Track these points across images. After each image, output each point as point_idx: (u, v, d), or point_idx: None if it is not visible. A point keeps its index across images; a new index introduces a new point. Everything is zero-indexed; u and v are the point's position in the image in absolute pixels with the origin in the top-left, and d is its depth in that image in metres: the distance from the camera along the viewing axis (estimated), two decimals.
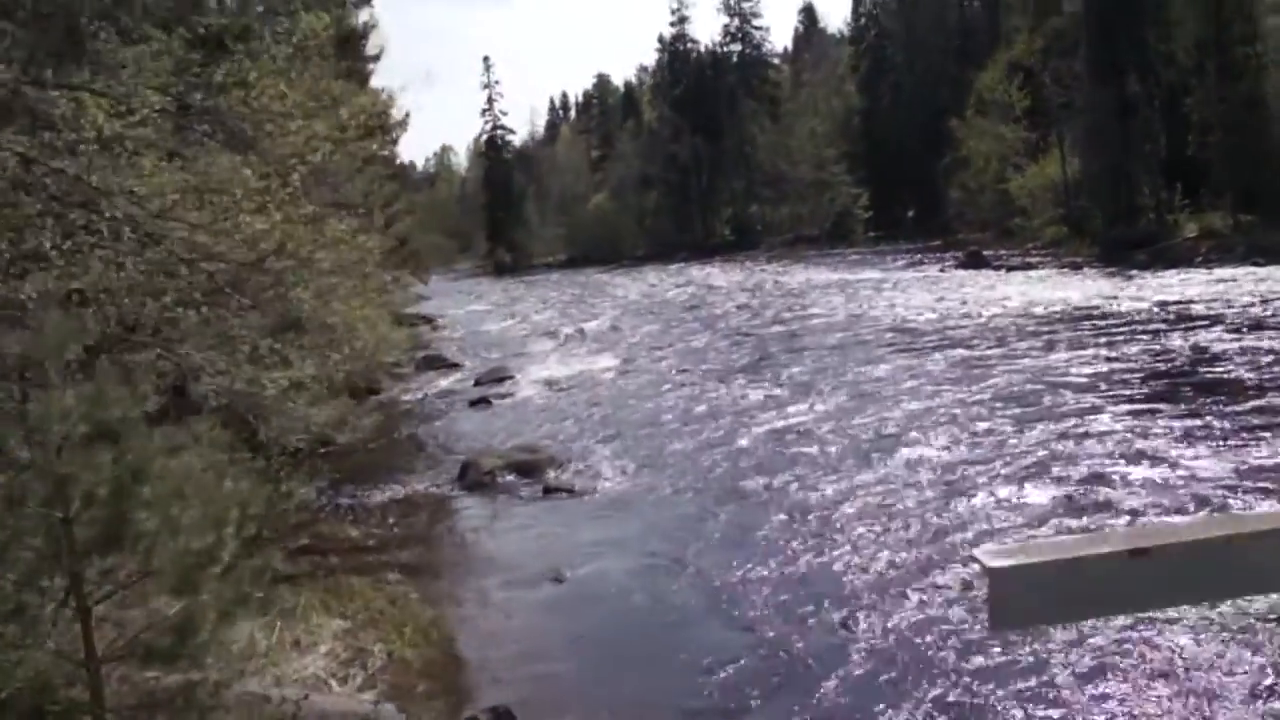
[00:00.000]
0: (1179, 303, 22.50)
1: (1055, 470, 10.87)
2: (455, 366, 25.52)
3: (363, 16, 36.66)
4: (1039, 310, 23.76)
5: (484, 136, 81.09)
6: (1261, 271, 27.06)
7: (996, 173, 43.12)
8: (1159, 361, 16.51)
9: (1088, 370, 16.23)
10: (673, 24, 75.13)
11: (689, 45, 74.95)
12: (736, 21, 75.56)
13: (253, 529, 5.48)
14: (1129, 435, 12.00)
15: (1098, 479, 10.49)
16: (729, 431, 14.67)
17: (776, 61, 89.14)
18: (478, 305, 46.86)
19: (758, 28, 76.58)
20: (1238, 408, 12.80)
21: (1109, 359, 17.01)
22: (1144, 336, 18.87)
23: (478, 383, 22.17)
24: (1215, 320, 19.69)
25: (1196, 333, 18.56)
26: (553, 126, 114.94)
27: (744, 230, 69.61)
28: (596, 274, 60.84)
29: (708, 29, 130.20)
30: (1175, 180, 39.79)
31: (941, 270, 36.33)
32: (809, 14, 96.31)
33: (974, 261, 36.16)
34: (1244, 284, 24.40)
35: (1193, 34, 39.76)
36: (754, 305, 32.83)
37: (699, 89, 72.45)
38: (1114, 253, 35.96)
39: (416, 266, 37.88)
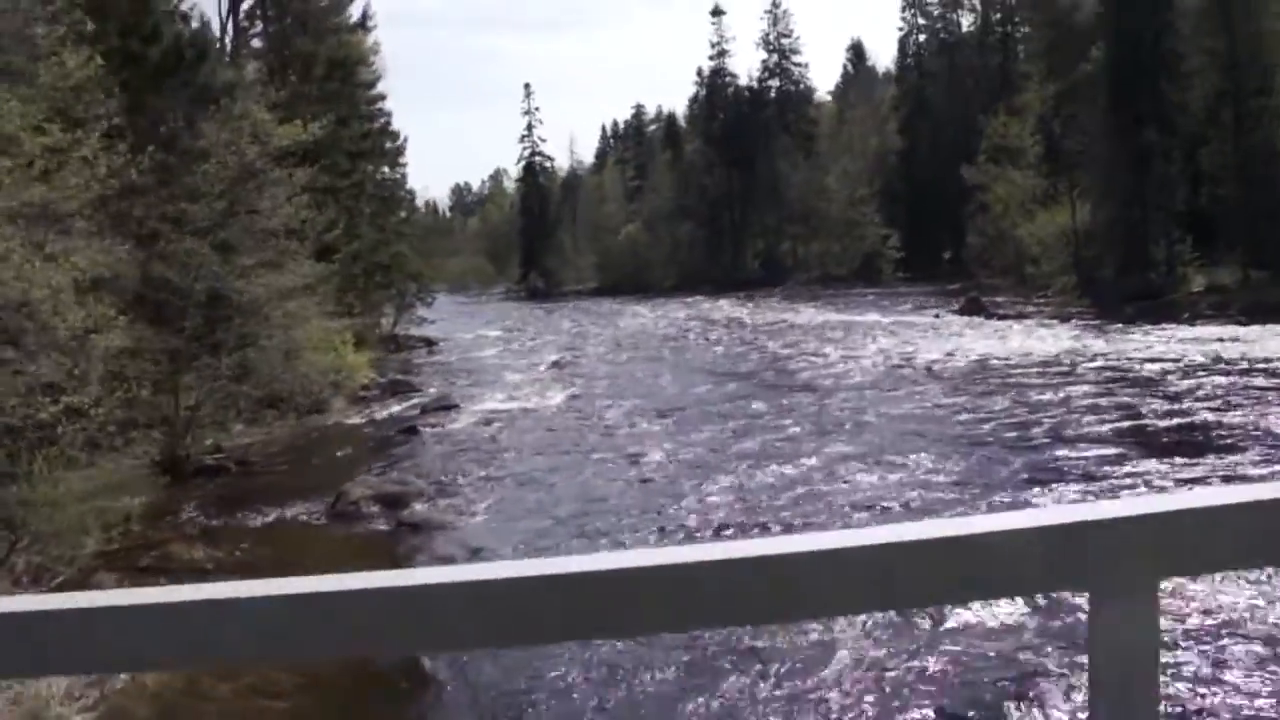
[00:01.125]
0: (1137, 360, 22.12)
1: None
2: (416, 392, 25.80)
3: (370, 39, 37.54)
4: (994, 362, 23.51)
5: (522, 162, 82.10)
6: (1243, 331, 26.51)
7: (1011, 219, 42.73)
8: (1068, 416, 16.29)
9: (971, 422, 16.06)
10: (712, 57, 75.52)
11: (727, 79, 75.21)
12: (775, 57, 75.80)
13: None
14: (965, 485, 11.88)
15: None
16: (621, 478, 14.71)
17: (825, 96, 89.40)
18: (487, 330, 47.23)
19: (797, 64, 76.77)
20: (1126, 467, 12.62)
21: (1014, 411, 16.82)
22: (1071, 390, 18.62)
23: (423, 411, 22.42)
24: (1153, 381, 19.35)
25: (1121, 391, 18.27)
26: (602, 154, 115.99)
27: (772, 266, 69.52)
28: (618, 304, 61.09)
29: (747, 62, 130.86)
30: (1189, 233, 39.19)
31: (937, 316, 36.00)
32: (857, 51, 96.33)
33: (972, 308, 35.81)
34: (1216, 345, 23.91)
35: (1210, 85, 39.22)
36: (730, 343, 32.93)
37: (735, 123, 72.62)
38: (1112, 305, 35.39)
39: (394, 290, 38.38)
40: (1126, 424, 15.56)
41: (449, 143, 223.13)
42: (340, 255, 21.49)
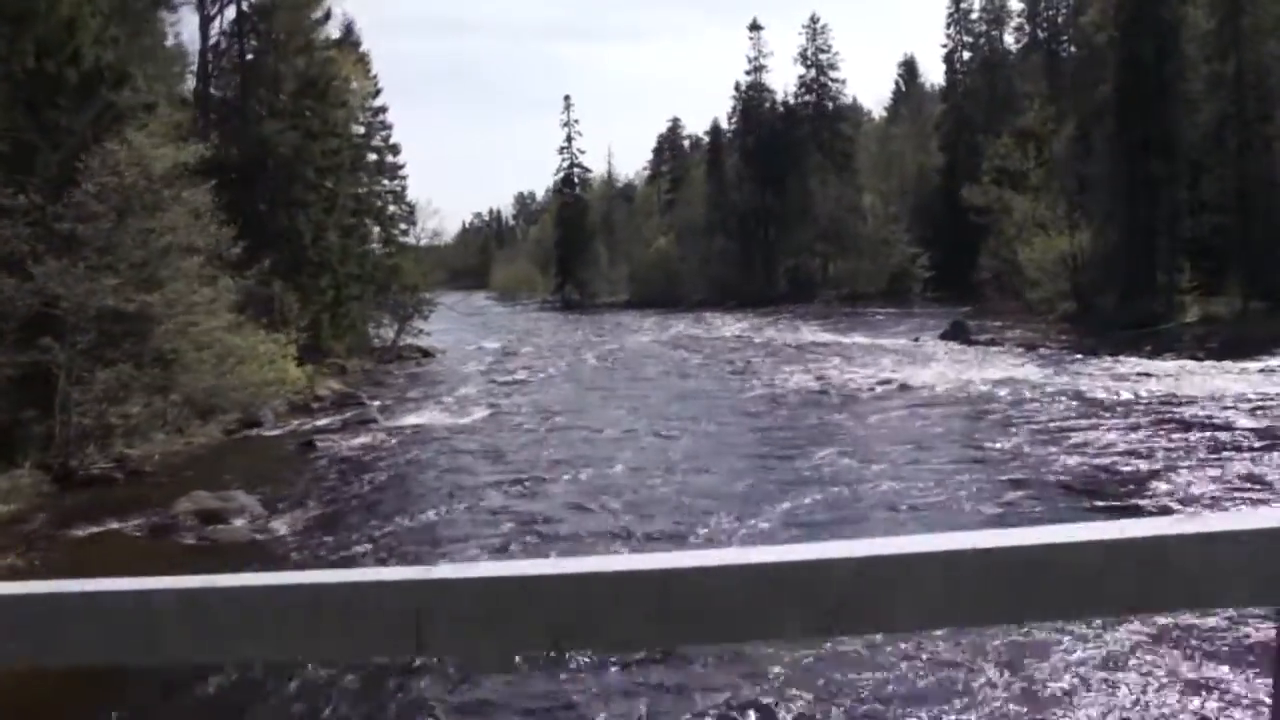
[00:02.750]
0: (1056, 392, 21.79)
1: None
2: (359, 406, 26.30)
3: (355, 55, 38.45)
4: (941, 389, 23.36)
5: (561, 174, 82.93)
6: (1196, 365, 25.95)
7: (1012, 244, 42.23)
8: (966, 447, 16.19)
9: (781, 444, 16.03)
10: (748, 72, 75.50)
11: (764, 94, 75.11)
12: (813, 73, 75.53)
13: None
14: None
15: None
16: (468, 500, 15.01)
17: (879, 112, 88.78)
18: (492, 341, 47.81)
19: (835, 79, 76.36)
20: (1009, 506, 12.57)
21: (913, 437, 16.75)
22: (954, 418, 18.47)
23: (344, 425, 22.95)
24: (1052, 415, 19.08)
25: (1006, 424, 18.06)
26: (655, 167, 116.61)
27: (801, 283, 69.28)
28: (641, 318, 61.50)
29: (785, 78, 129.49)
30: (1197, 261, 38.29)
31: (915, 341, 35.70)
32: (909, 68, 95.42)
33: (955, 333, 35.40)
34: (1152, 380, 23.44)
35: (1214, 110, 38.29)
36: (702, 362, 33.01)
37: (770, 139, 72.52)
38: (1102, 333, 34.70)
39: (393, 302, 39.20)
40: (958, 455, 15.43)
41: (516, 150, 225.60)
42: (255, 270, 21.87)
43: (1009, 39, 77.82)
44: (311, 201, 30.21)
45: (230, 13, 30.81)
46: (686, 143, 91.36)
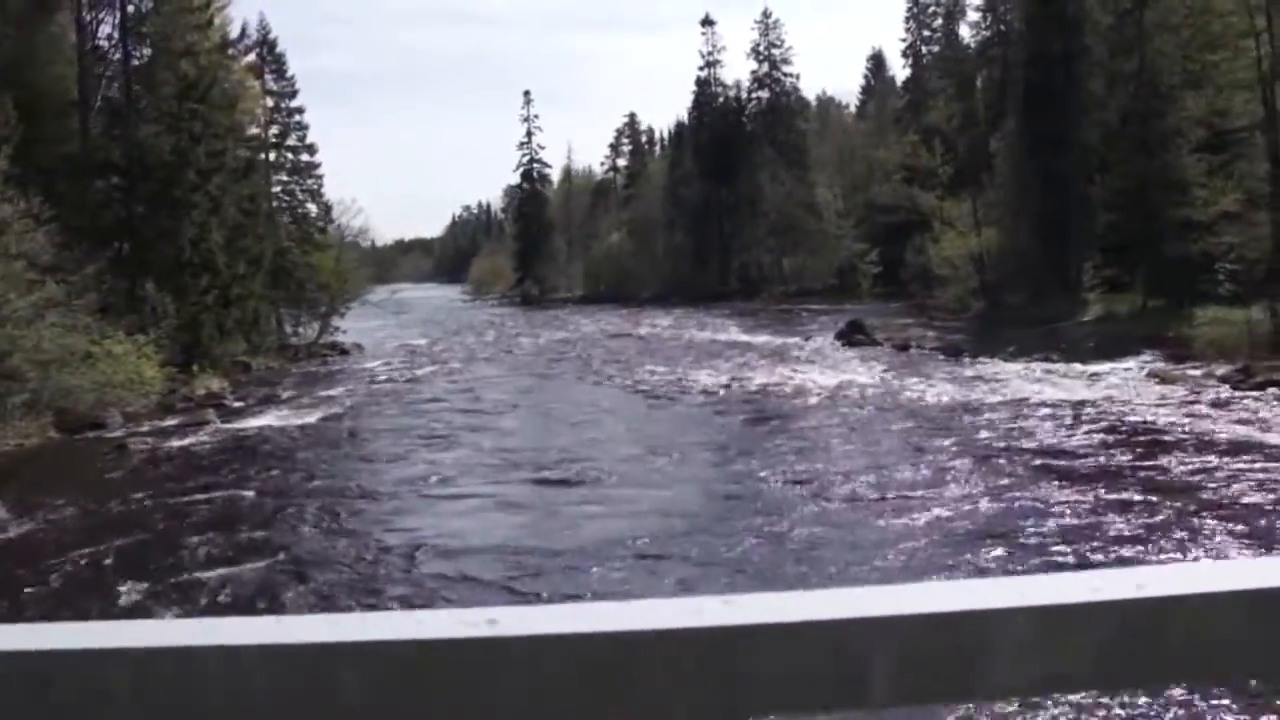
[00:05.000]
0: (882, 395, 21.93)
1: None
2: (218, 407, 26.48)
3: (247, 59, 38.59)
4: (771, 391, 23.55)
5: (520, 169, 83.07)
6: (1047, 367, 26.01)
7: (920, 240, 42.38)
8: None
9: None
10: (701, 68, 75.51)
11: (717, 89, 75.13)
12: (766, 67, 75.47)
13: None
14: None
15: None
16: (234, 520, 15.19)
17: (850, 105, 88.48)
18: (419, 339, 47.87)
19: (788, 74, 76.27)
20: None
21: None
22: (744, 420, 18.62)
23: (180, 427, 23.14)
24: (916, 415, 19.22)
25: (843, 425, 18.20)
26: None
27: (751, 279, 69.39)
28: (587, 313, 61.78)
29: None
30: (1106, 259, 38.36)
31: (806, 340, 35.87)
32: (878, 62, 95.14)
33: (847, 332, 35.38)
34: (998, 384, 23.55)
35: (1118, 108, 38.28)
36: (591, 359, 33.23)
37: (723, 134, 72.56)
38: (989, 333, 34.82)
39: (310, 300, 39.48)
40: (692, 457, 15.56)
41: (515, 141, 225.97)
42: (87, 273, 22.14)
43: (965, 32, 77.56)
44: (195, 203, 30.40)
45: (114, 16, 30.97)
46: (644, 137, 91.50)
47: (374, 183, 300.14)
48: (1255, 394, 19.17)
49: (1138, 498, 12.06)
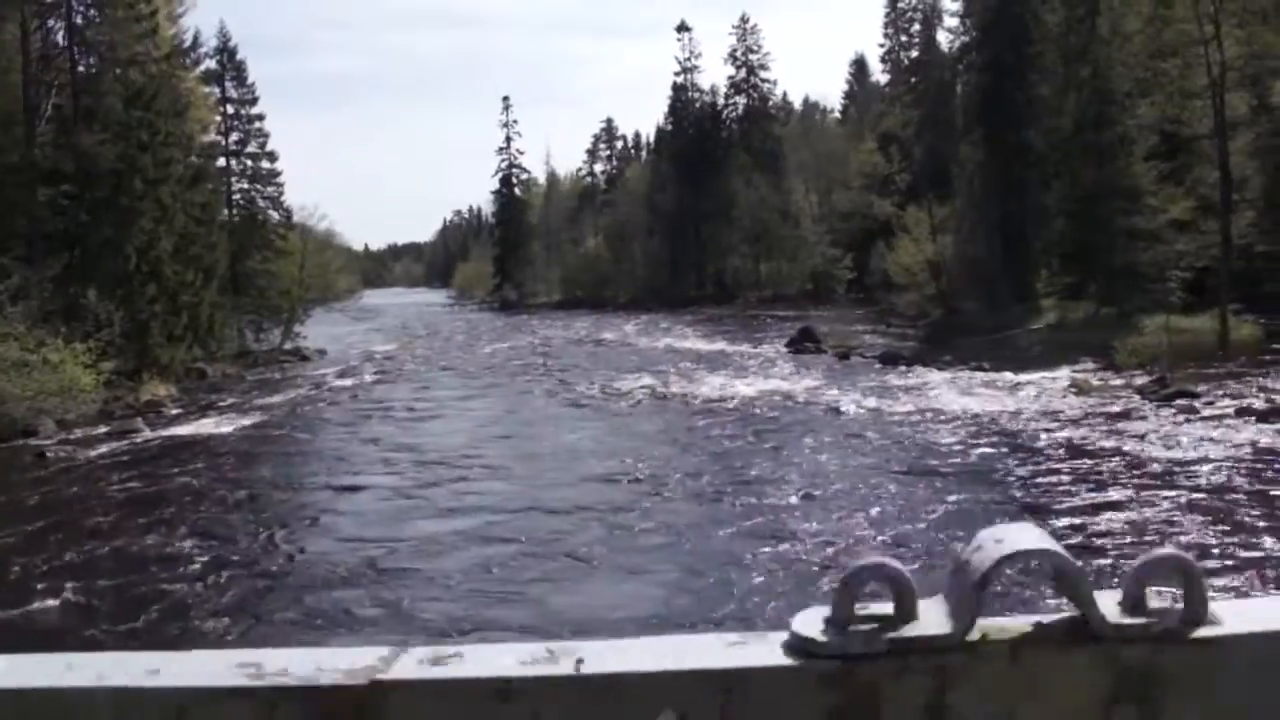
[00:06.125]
0: (799, 403, 22.10)
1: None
2: (158, 415, 26.62)
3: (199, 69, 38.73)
4: (696, 399, 23.74)
5: (499, 174, 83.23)
6: (991, 376, 26.15)
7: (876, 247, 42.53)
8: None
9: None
10: (678, 74, 75.71)
11: (694, 95, 75.33)
12: (743, 73, 75.62)
13: None
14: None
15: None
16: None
17: (835, 111, 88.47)
18: (386, 345, 48.06)
19: (765, 80, 76.48)
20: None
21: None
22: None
23: (108, 434, 23.29)
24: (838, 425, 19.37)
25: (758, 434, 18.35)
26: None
27: (726, 284, 69.55)
28: (559, 319, 62.04)
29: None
30: (1065, 267, 38.49)
31: (755, 347, 36.06)
32: (860, 66, 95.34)
33: (798, 340, 35.51)
34: (917, 394, 23.71)
35: (1071, 115, 38.40)
36: (548, 367, 33.46)
37: (699, 139, 72.76)
38: (940, 340, 35.00)
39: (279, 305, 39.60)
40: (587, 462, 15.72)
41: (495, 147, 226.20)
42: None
43: (942, 38, 77.79)
44: (143, 211, 30.55)
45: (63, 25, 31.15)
46: (622, 142, 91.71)
47: (370, 187, 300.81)
48: (1161, 404, 19.34)
49: (982, 498, 12.27)
